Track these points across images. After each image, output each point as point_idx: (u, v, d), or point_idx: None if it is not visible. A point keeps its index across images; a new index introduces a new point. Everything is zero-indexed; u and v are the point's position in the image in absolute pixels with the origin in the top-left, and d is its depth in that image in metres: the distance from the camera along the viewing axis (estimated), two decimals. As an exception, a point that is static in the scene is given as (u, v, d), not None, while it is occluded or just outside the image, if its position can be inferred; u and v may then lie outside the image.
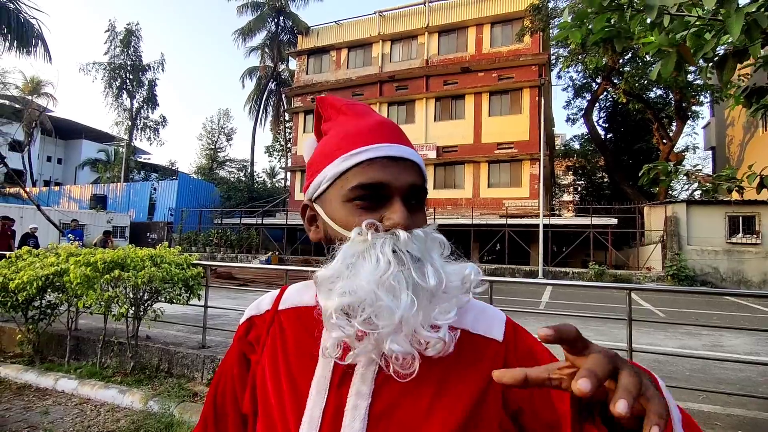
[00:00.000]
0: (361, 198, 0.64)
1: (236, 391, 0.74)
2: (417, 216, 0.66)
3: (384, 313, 0.56)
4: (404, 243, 0.60)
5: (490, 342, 0.65)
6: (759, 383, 4.14)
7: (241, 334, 0.75)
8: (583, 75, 25.61)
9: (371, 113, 0.74)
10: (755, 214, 14.69)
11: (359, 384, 0.61)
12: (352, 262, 0.60)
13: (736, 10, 1.35)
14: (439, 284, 0.59)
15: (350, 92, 26.05)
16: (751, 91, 2.51)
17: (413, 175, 0.66)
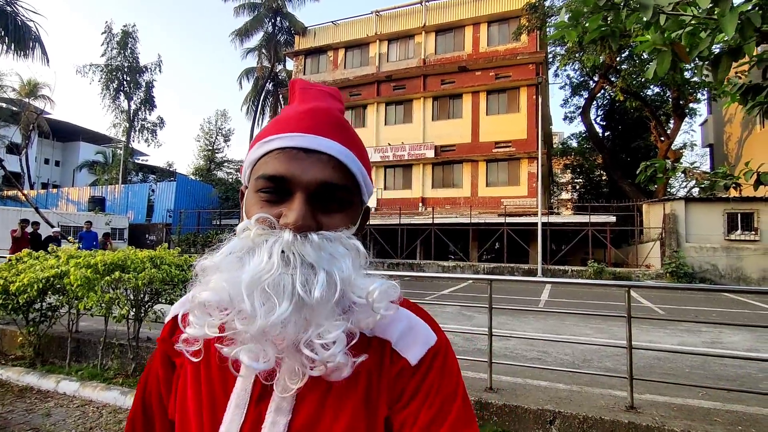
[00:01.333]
0: (263, 190, 0.59)
1: (161, 395, 0.68)
2: (332, 217, 0.59)
3: (246, 318, 0.52)
4: (292, 245, 0.54)
5: (401, 360, 0.60)
6: (759, 379, 4.16)
7: (165, 335, 0.68)
8: (580, 73, 25.67)
9: (318, 99, 0.66)
10: (754, 211, 14.74)
11: (279, 399, 0.56)
12: (239, 256, 0.56)
13: (731, 9, 1.37)
14: (327, 298, 0.53)
15: (348, 92, 26.06)
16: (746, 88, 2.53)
17: (328, 171, 0.58)
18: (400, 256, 20.35)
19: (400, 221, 20.76)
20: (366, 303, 0.56)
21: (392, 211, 22.67)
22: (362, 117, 25.81)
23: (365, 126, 25.50)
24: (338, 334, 0.53)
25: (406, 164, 24.15)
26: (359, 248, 0.59)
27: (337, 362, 0.53)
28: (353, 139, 0.64)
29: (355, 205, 0.63)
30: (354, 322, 0.56)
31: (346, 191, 0.60)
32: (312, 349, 0.52)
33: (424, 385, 0.59)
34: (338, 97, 0.70)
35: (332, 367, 0.53)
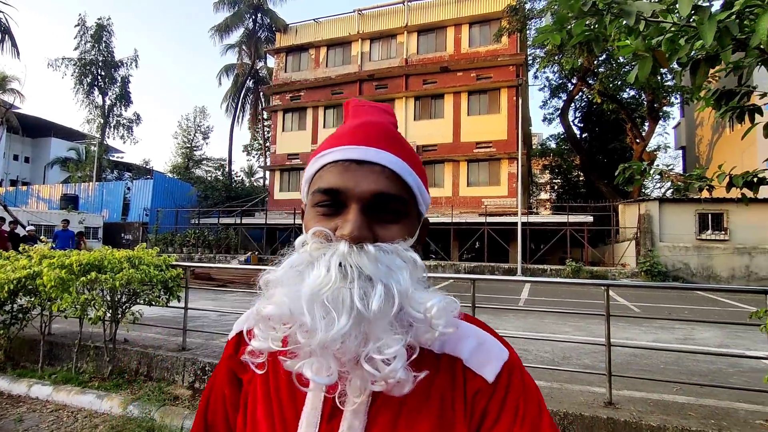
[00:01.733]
0: (320, 204, 0.59)
1: (228, 414, 0.67)
2: (388, 229, 0.58)
3: (307, 332, 0.52)
4: (348, 256, 0.53)
5: (476, 378, 0.58)
6: (729, 374, 4.32)
7: (231, 352, 0.68)
8: (559, 75, 26.14)
9: (370, 114, 0.68)
10: (723, 212, 15.28)
11: (351, 418, 0.56)
12: (298, 270, 0.56)
13: (709, 17, 1.42)
14: (386, 311, 0.52)
15: (329, 91, 25.95)
16: (720, 93, 2.61)
17: (382, 182, 0.58)
18: (382, 255, 20.36)
19: (382, 220, 20.77)
20: (424, 319, 0.54)
21: (374, 211, 22.65)
22: (343, 116, 25.73)
23: (347, 125, 25.44)
24: (398, 348, 0.51)
25: (388, 164, 24.17)
26: (417, 261, 0.58)
27: (397, 377, 0.51)
28: (407, 150, 0.64)
29: (412, 217, 0.62)
30: (414, 337, 0.54)
31: (401, 202, 0.60)
32: (373, 364, 0.51)
33: (507, 405, 0.57)
34: (390, 112, 0.72)
35: (393, 383, 0.52)
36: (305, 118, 26.62)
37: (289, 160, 26.58)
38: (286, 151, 26.73)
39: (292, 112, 27.06)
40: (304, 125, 26.58)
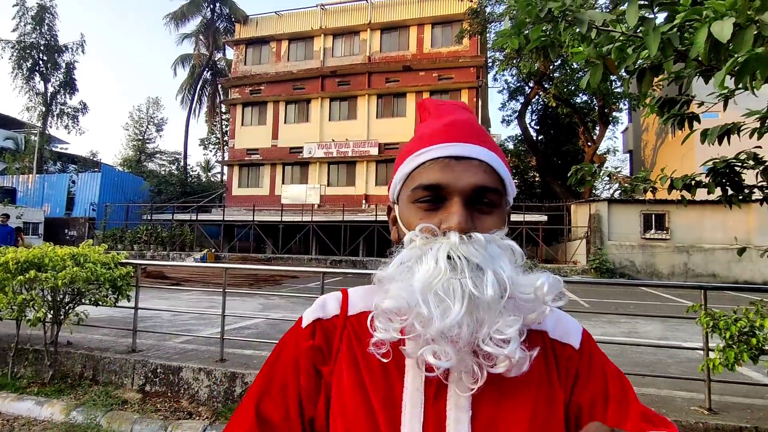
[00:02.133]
0: (422, 200, 0.63)
1: (303, 405, 0.65)
2: (485, 219, 0.62)
3: (425, 321, 0.54)
4: (459, 248, 0.57)
5: (565, 347, 0.65)
6: (669, 365, 4.62)
7: (309, 341, 0.67)
8: (517, 79, 26.91)
9: (454, 112, 0.71)
10: (665, 212, 16.29)
11: (456, 396, 0.58)
12: (409, 266, 0.59)
13: (654, 29, 1.50)
14: (500, 295, 0.55)
15: (291, 86, 25.51)
16: (663, 101, 2.78)
17: (480, 175, 0.62)
18: (343, 252, 20.28)
19: (343, 218, 20.68)
20: (534, 297, 0.58)
21: (336, 208, 22.52)
22: (306, 112, 25.38)
23: (309, 121, 25.11)
24: (515, 330, 0.55)
25: (350, 161, 24.08)
26: (514, 247, 0.61)
27: (517, 358, 0.54)
28: (494, 144, 0.67)
29: (503, 207, 0.66)
30: (523, 319, 0.58)
31: (497, 193, 0.63)
32: (492, 346, 0.54)
33: (594, 366, 0.65)
34: (469, 109, 0.75)
35: (514, 363, 0.55)
36: (265, 113, 26.03)
37: (248, 156, 25.93)
38: (245, 145, 26.05)
39: (252, 106, 26.39)
40: (265, 120, 26.00)
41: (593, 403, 0.62)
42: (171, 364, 4.18)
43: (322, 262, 18.88)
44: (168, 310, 6.63)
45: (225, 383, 4.01)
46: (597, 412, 0.61)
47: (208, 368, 4.09)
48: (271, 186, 25.30)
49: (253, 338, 5.35)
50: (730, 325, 2.74)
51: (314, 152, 24.31)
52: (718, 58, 1.26)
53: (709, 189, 2.98)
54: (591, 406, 0.62)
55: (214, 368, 4.09)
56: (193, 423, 3.58)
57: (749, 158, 2.80)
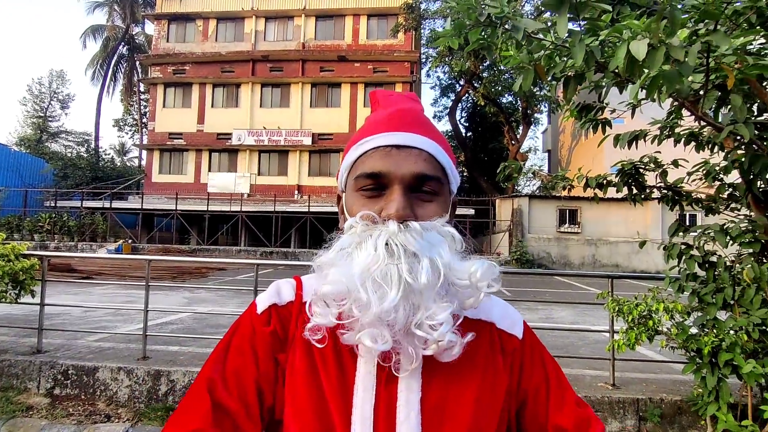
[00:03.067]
0: (364, 188, 0.64)
1: (263, 391, 0.63)
2: (426, 207, 0.63)
3: (362, 306, 0.56)
4: (395, 235, 0.58)
5: (511, 338, 0.69)
6: (579, 346, 5.09)
7: (266, 326, 0.66)
8: (449, 76, 27.78)
9: (400, 102, 0.72)
10: (578, 208, 17.80)
11: (408, 379, 0.60)
12: (348, 252, 0.60)
13: (579, 41, 1.64)
14: (434, 282, 0.56)
15: (219, 68, 24.22)
16: (582, 107, 3.03)
17: (421, 164, 0.63)
18: (274, 244, 19.79)
19: (275, 208, 20.13)
20: (469, 283, 0.59)
21: (267, 198, 21.86)
22: (235, 96, 24.25)
23: (238, 106, 24.04)
24: (446, 315, 0.56)
25: (282, 150, 23.46)
26: (454, 234, 0.63)
27: (447, 341, 0.56)
28: (438, 134, 0.69)
29: (445, 195, 0.67)
30: (458, 304, 0.60)
31: (437, 182, 0.65)
32: (423, 330, 0.56)
33: (536, 357, 0.70)
34: (417, 100, 0.76)
35: (443, 346, 0.57)
36: (191, 95, 24.47)
37: (170, 140, 24.26)
38: (167, 129, 24.33)
39: (175, 87, 24.67)
40: (189, 102, 24.44)
41: (537, 390, 0.68)
42: (85, 365, 3.85)
43: (251, 253, 18.27)
44: (79, 306, 6.07)
45: (148, 382, 3.77)
46: (540, 397, 0.68)
47: (128, 367, 3.83)
48: (197, 173, 23.93)
49: (178, 334, 5.08)
50: (632, 309, 3.08)
51: (244, 139, 23.35)
52: (633, 72, 1.41)
53: (617, 188, 3.33)
54: (535, 393, 0.68)
55: (135, 367, 3.83)
56: (113, 426, 3.34)
57: (651, 162, 3.16)
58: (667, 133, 3.03)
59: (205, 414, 0.59)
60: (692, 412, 3.17)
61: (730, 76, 1.36)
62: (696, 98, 2.05)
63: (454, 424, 0.60)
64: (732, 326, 2.70)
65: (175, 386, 3.76)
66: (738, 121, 1.94)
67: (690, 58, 1.21)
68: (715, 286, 2.84)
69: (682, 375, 3.60)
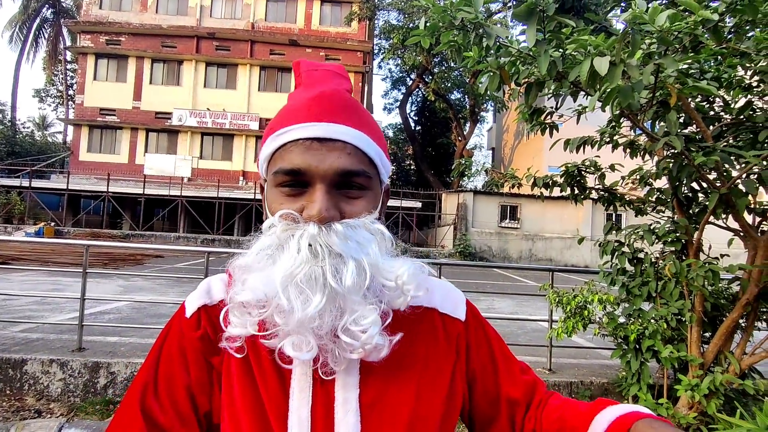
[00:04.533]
0: (283, 184, 0.58)
1: (195, 399, 0.60)
2: (353, 203, 0.58)
3: (284, 313, 0.53)
4: (318, 237, 0.54)
5: (455, 321, 0.68)
6: (519, 335, 5.43)
7: (195, 331, 0.62)
8: (400, 69, 27.98)
9: (325, 81, 0.64)
10: (518, 205, 18.73)
11: (344, 377, 0.58)
12: (268, 254, 0.56)
13: (545, 51, 1.76)
14: (360, 284, 0.54)
15: (159, 42, 22.73)
16: (534, 110, 3.22)
17: (345, 159, 0.57)
18: (217, 231, 19.06)
19: (218, 194, 19.36)
20: (395, 286, 0.57)
21: (209, 183, 20.96)
22: (177, 74, 22.89)
23: (180, 84, 22.73)
24: (374, 318, 0.54)
25: (227, 134, 22.53)
26: (384, 232, 0.59)
27: (374, 344, 0.54)
28: (366, 120, 0.62)
29: (375, 189, 0.62)
30: (387, 304, 0.57)
31: (365, 176, 0.59)
32: (350, 335, 0.53)
33: (480, 335, 0.69)
34: (345, 76, 0.68)
35: (369, 350, 0.55)
36: (126, 69, 22.78)
37: (102, 116, 22.49)
38: (98, 104, 22.51)
39: (109, 59, 22.84)
40: (125, 77, 22.74)
41: (484, 367, 0.68)
42: (10, 357, 3.55)
43: (191, 240, 17.49)
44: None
45: (85, 374, 3.56)
46: (488, 373, 0.68)
47: (62, 359, 3.58)
48: (132, 153, 22.40)
49: (116, 323, 4.81)
50: (570, 300, 3.36)
51: (186, 120, 22.15)
52: (593, 84, 1.55)
53: (562, 188, 3.59)
54: (483, 370, 0.68)
55: (70, 359, 3.59)
56: (45, 422, 3.12)
57: (591, 165, 3.43)
58: (606, 139, 3.31)
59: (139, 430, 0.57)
60: (617, 392, 3.51)
61: (673, 94, 1.54)
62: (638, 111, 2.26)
63: (395, 419, 0.58)
64: (654, 316, 3.02)
65: (116, 378, 3.58)
66: (671, 134, 2.18)
67: (644, 76, 1.36)
68: (641, 280, 3.16)
69: (609, 360, 3.98)
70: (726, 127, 2.72)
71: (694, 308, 2.89)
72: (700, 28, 1.61)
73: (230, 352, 0.58)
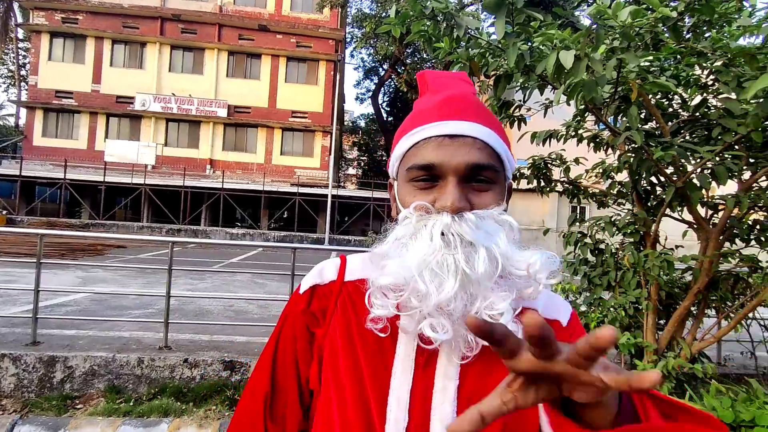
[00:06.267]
0: (416, 179, 0.63)
1: (299, 365, 0.69)
2: (482, 197, 0.62)
3: (422, 296, 0.56)
4: (451, 226, 0.57)
5: (554, 323, 0.66)
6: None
7: (304, 306, 0.70)
8: (373, 59, 27.76)
9: (450, 86, 0.70)
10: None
11: (446, 365, 0.60)
12: (403, 243, 0.60)
13: (513, 44, 1.78)
14: (491, 272, 0.56)
15: (120, 22, 21.69)
16: (503, 103, 3.27)
17: (475, 153, 0.61)
18: (183, 221, 18.53)
19: (184, 183, 18.78)
20: (527, 274, 0.59)
21: (175, 171, 20.29)
22: (140, 56, 21.93)
23: (143, 68, 21.82)
24: (505, 305, 0.56)
25: (193, 120, 21.83)
26: (512, 224, 0.62)
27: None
28: (492, 118, 0.66)
29: (501, 183, 0.65)
30: (516, 294, 0.59)
31: (493, 170, 0.62)
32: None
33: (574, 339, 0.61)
34: (469, 81, 0.74)
35: None
36: (84, 50, 21.65)
37: (58, 98, 21.34)
38: (53, 86, 21.32)
39: (65, 39, 21.63)
40: (83, 58, 21.61)
41: None
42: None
43: (156, 230, 16.95)
44: (-57, 286, 5.22)
45: (40, 369, 3.41)
46: None
47: (14, 353, 3.42)
48: (91, 139, 21.40)
49: (75, 316, 4.62)
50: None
51: (149, 105, 21.31)
52: (559, 78, 1.58)
53: (529, 180, 3.66)
54: None
55: (23, 353, 3.43)
56: (-4, 419, 2.98)
57: (557, 158, 3.51)
58: (572, 133, 3.39)
59: (264, 387, 0.69)
60: (577, 378, 3.65)
61: (635, 89, 1.59)
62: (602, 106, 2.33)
63: None
64: (613, 304, 3.15)
65: (74, 372, 3.45)
66: (632, 128, 2.25)
67: (607, 71, 1.39)
68: (602, 270, 3.29)
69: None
70: (683, 123, 2.83)
71: (650, 297, 3.02)
72: (660, 26, 1.66)
73: (375, 332, 0.62)
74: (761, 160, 2.46)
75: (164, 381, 3.53)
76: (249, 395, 0.70)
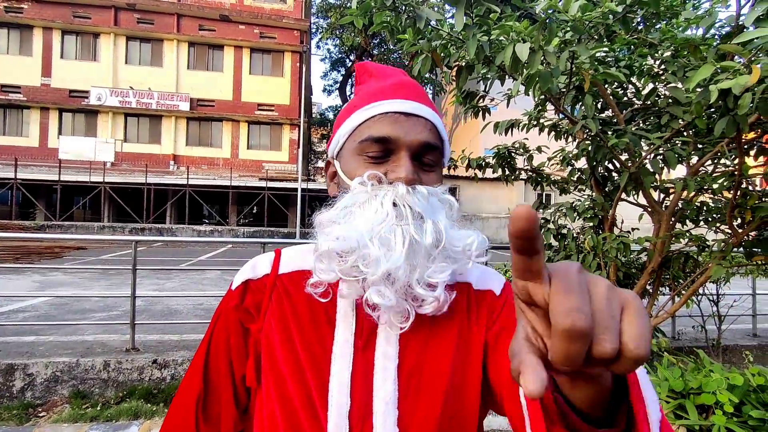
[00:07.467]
0: (369, 151, 0.64)
1: (233, 363, 0.68)
2: (428, 175, 0.65)
3: (371, 262, 0.56)
4: (404, 197, 0.59)
5: (486, 293, 0.67)
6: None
7: (237, 302, 0.69)
8: (339, 50, 27.51)
9: (399, 74, 0.73)
10: (457, 186, 19.34)
11: (384, 345, 0.61)
12: (351, 210, 0.61)
13: (473, 36, 1.82)
14: (437, 243, 0.58)
15: (70, 11, 20.56)
16: (467, 94, 3.32)
17: (426, 133, 0.64)
18: (147, 219, 17.92)
19: (146, 180, 18.14)
20: (462, 252, 0.61)
21: (136, 168, 19.56)
22: (93, 48, 20.88)
23: (97, 60, 20.80)
24: (445, 275, 0.58)
25: (154, 114, 21.04)
26: (453, 202, 0.65)
27: (442, 300, 0.58)
28: (436, 108, 0.70)
29: (441, 167, 0.69)
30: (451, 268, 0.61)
31: (438, 152, 0.67)
32: (424, 289, 0.58)
33: (508, 306, 0.65)
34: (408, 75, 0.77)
35: (438, 305, 0.58)
36: (31, 41, 20.42)
37: (4, 93, 20.10)
38: (-1, 80, 20.06)
39: (9, 29, 20.34)
40: (30, 50, 20.40)
41: (501, 330, 0.62)
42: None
43: (118, 230, 16.33)
44: None
45: (-3, 379, 3.26)
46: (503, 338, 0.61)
47: (-32, 364, 3.25)
48: (43, 136, 20.30)
49: (34, 322, 4.42)
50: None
51: (106, 99, 20.38)
52: (516, 69, 1.63)
53: (493, 169, 3.75)
54: (498, 334, 0.62)
55: (-22, 363, 3.27)
56: (-49, 432, 2.84)
57: (521, 147, 3.61)
58: (533, 122, 3.49)
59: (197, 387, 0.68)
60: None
61: (587, 79, 1.66)
62: (559, 96, 2.41)
63: (431, 388, 0.60)
64: (575, 286, 3.28)
65: (35, 380, 3.32)
66: (587, 117, 2.35)
67: (560, 62, 1.45)
68: (564, 253, 3.41)
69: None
70: (636, 111, 2.97)
71: (609, 277, 3.17)
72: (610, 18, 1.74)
73: (315, 297, 0.62)
74: (707, 145, 2.62)
75: (133, 383, 3.45)
76: (181, 396, 0.69)
